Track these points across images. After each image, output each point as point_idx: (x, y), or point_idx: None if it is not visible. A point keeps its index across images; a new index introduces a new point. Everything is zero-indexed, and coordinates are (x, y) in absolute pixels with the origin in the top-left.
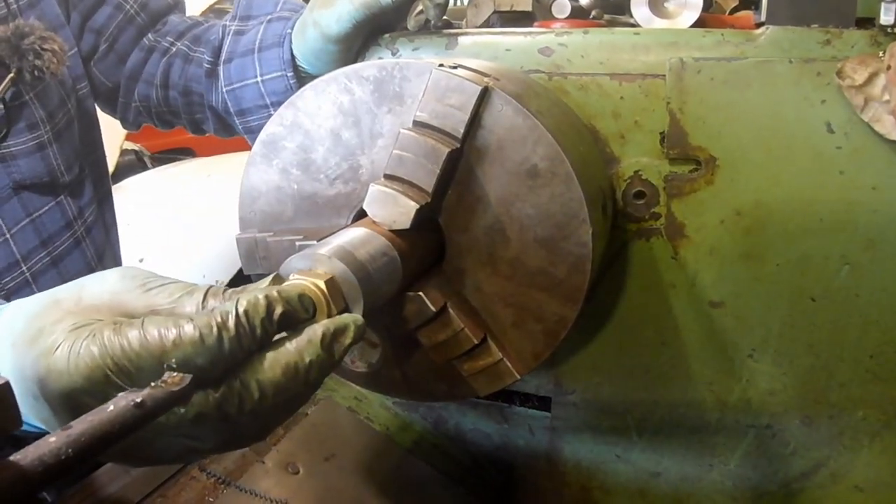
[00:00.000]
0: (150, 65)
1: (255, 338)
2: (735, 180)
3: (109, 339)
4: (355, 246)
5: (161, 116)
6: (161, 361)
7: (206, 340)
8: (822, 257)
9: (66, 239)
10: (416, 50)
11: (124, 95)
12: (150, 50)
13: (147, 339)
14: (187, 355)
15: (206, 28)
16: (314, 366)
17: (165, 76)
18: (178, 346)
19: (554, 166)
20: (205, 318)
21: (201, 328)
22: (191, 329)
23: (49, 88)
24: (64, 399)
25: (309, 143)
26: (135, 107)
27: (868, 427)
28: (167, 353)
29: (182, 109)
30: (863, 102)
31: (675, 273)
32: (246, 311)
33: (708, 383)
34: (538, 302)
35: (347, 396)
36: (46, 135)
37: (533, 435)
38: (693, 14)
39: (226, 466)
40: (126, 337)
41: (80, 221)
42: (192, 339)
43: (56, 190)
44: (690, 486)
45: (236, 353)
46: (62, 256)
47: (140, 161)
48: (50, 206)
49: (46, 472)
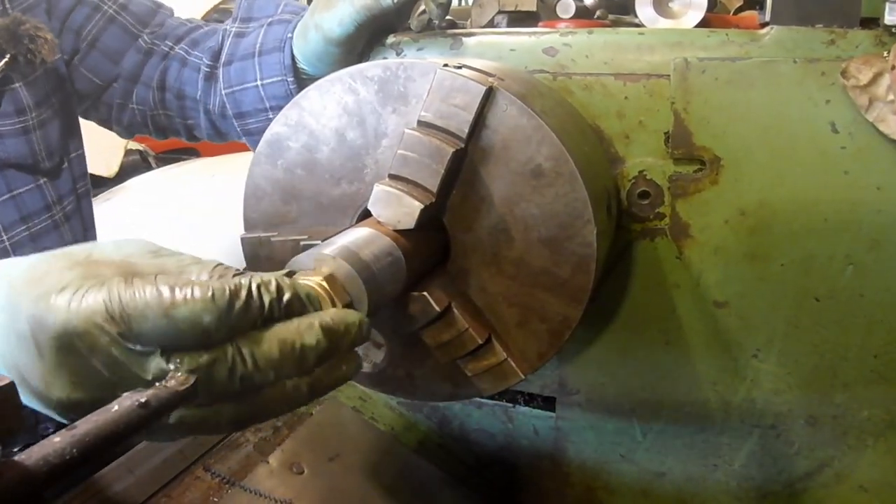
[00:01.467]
0: (149, 68)
1: (262, 313)
2: (739, 180)
3: (119, 286)
4: (360, 246)
5: (156, 120)
6: (166, 315)
7: (216, 301)
8: (826, 257)
9: (45, 220)
10: (420, 50)
11: (122, 97)
12: (148, 53)
13: (158, 290)
14: (195, 312)
15: (206, 32)
16: (312, 350)
17: (162, 79)
18: (187, 302)
19: (558, 166)
20: (217, 282)
21: (214, 289)
22: (202, 289)
23: (38, 80)
24: (54, 340)
25: (313, 143)
26: (131, 109)
27: (872, 427)
28: (175, 307)
29: (176, 113)
30: (867, 102)
31: (680, 273)
32: (259, 286)
33: (712, 383)
34: (542, 302)
35: (352, 396)
36: (32, 121)
37: (537, 435)
38: (697, 14)
39: (230, 466)
40: (136, 287)
41: (59, 207)
42: (203, 297)
43: (37, 173)
44: (695, 486)
45: (241, 322)
46: (41, 234)
47: (144, 161)
48: (30, 187)
49: (51, 472)
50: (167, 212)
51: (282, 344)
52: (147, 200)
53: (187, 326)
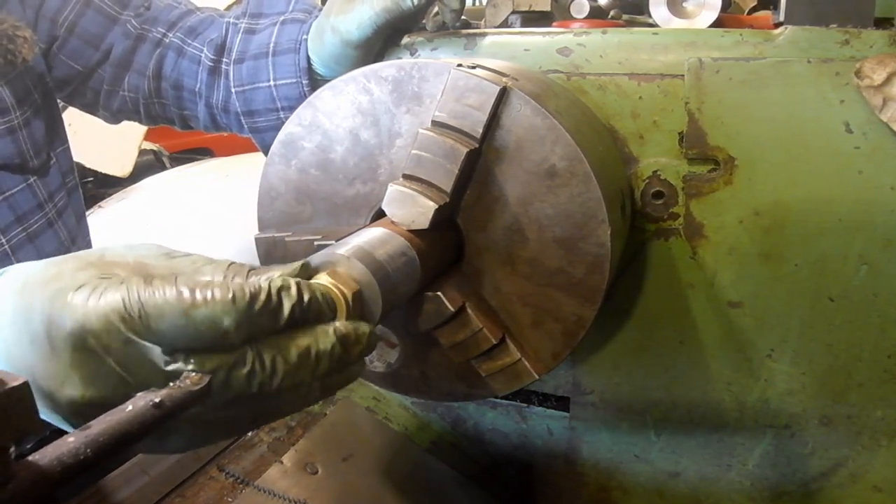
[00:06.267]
0: (142, 55)
1: (282, 316)
2: (754, 180)
3: (139, 285)
4: (374, 246)
5: (149, 108)
6: (185, 315)
7: (237, 303)
8: (840, 257)
9: (40, 218)
10: (434, 50)
11: (110, 83)
12: (138, 38)
13: (178, 291)
14: (215, 313)
15: (202, 20)
16: (327, 357)
17: (158, 68)
18: (207, 303)
19: (573, 166)
20: (237, 283)
21: (235, 290)
22: (222, 290)
23: (18, 78)
24: (69, 338)
25: (327, 143)
26: (122, 96)
27: (887, 427)
28: (195, 307)
29: (172, 103)
30: (881, 102)
31: (694, 273)
32: (280, 289)
33: (727, 383)
34: (557, 302)
35: (366, 396)
36: (17, 120)
37: (551, 435)
38: (712, 14)
39: (244, 466)
40: (156, 286)
41: (51, 205)
42: (223, 298)
43: (26, 172)
44: (709, 486)
45: (261, 325)
46: (37, 233)
47: (158, 161)
48: (21, 187)
49: (65, 472)
50: (181, 212)
51: (300, 350)
52: (161, 200)
53: (206, 328)
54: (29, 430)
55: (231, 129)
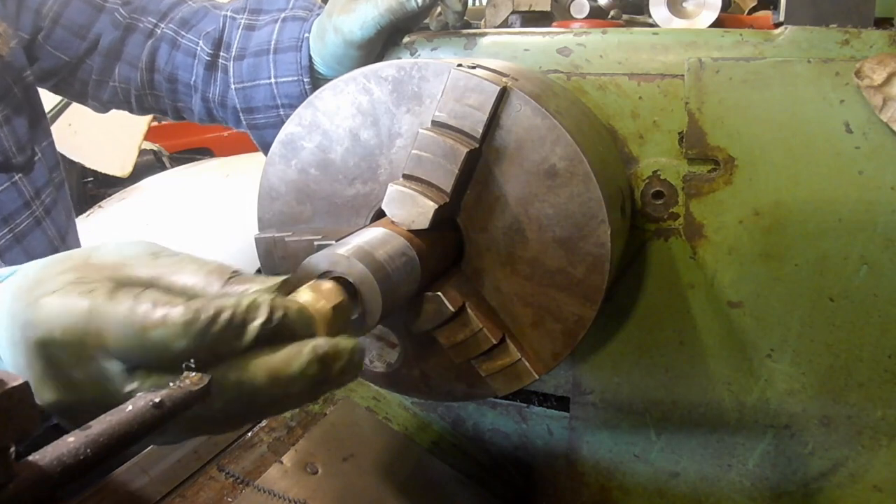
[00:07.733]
0: (133, 46)
1: (246, 338)
2: (754, 180)
3: (103, 300)
4: (374, 246)
5: (142, 100)
6: (141, 335)
7: (190, 327)
8: (841, 257)
9: (26, 217)
10: (434, 50)
11: (100, 74)
12: (127, 28)
13: (135, 310)
14: (167, 337)
15: (196, 12)
16: (299, 379)
17: (151, 60)
18: (162, 325)
19: (573, 166)
20: (198, 304)
21: (190, 314)
22: (179, 311)
23: None
24: (38, 347)
25: (327, 143)
26: (112, 87)
27: (887, 427)
28: (148, 329)
29: (166, 95)
30: (881, 102)
31: (694, 273)
32: (248, 308)
33: (727, 383)
34: (557, 302)
35: (366, 396)
36: None
37: (552, 435)
38: (712, 14)
39: (244, 466)
40: (117, 302)
41: (38, 202)
42: (175, 322)
43: (10, 169)
44: (709, 486)
45: (224, 347)
46: (25, 234)
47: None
48: (6, 186)
49: (65, 472)
50: (181, 212)
51: (269, 370)
52: (161, 200)
53: (160, 350)
54: (29, 430)
55: (227, 123)
